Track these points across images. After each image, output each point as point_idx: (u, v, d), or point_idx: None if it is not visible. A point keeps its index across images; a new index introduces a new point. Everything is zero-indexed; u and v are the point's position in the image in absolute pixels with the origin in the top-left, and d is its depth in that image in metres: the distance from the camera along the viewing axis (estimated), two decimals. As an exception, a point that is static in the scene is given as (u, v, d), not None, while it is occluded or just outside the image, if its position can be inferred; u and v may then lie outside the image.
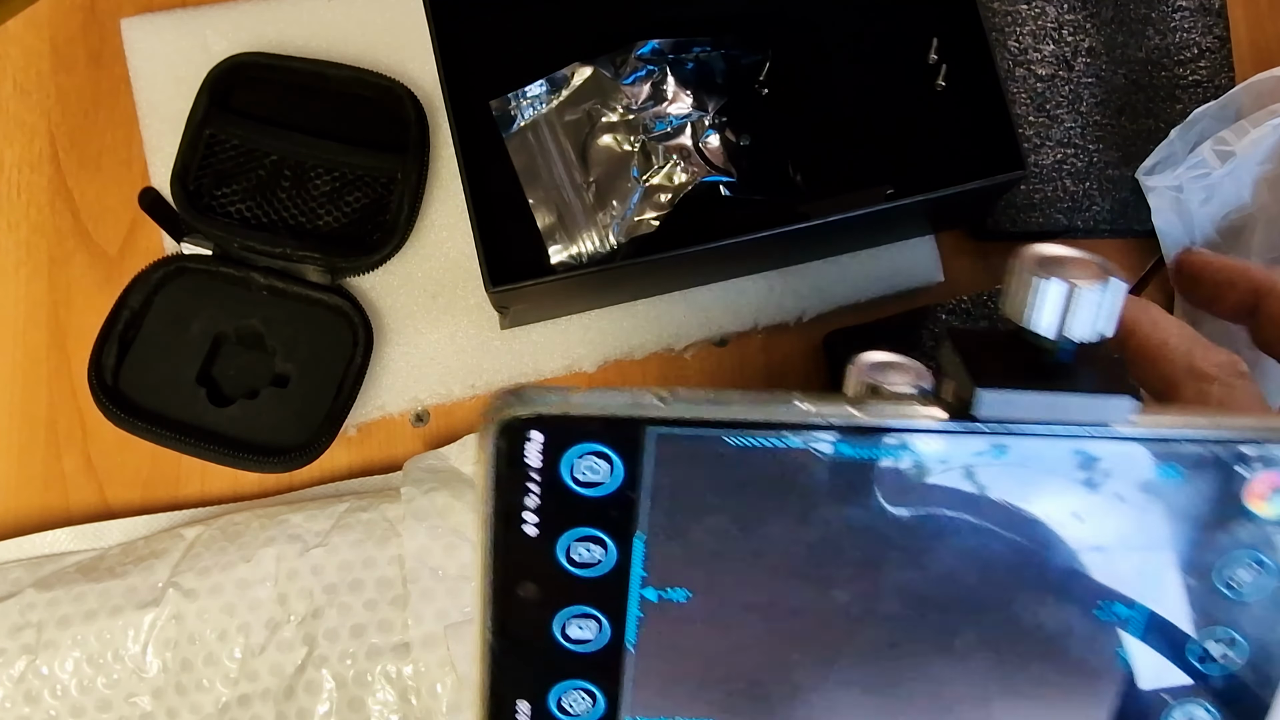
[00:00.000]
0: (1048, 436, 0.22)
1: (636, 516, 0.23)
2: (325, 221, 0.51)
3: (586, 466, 0.22)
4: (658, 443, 0.22)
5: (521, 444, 0.22)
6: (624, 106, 0.52)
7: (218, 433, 0.48)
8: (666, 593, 0.24)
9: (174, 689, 0.45)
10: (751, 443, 0.22)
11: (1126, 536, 0.24)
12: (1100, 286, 0.21)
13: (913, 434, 0.22)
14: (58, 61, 0.53)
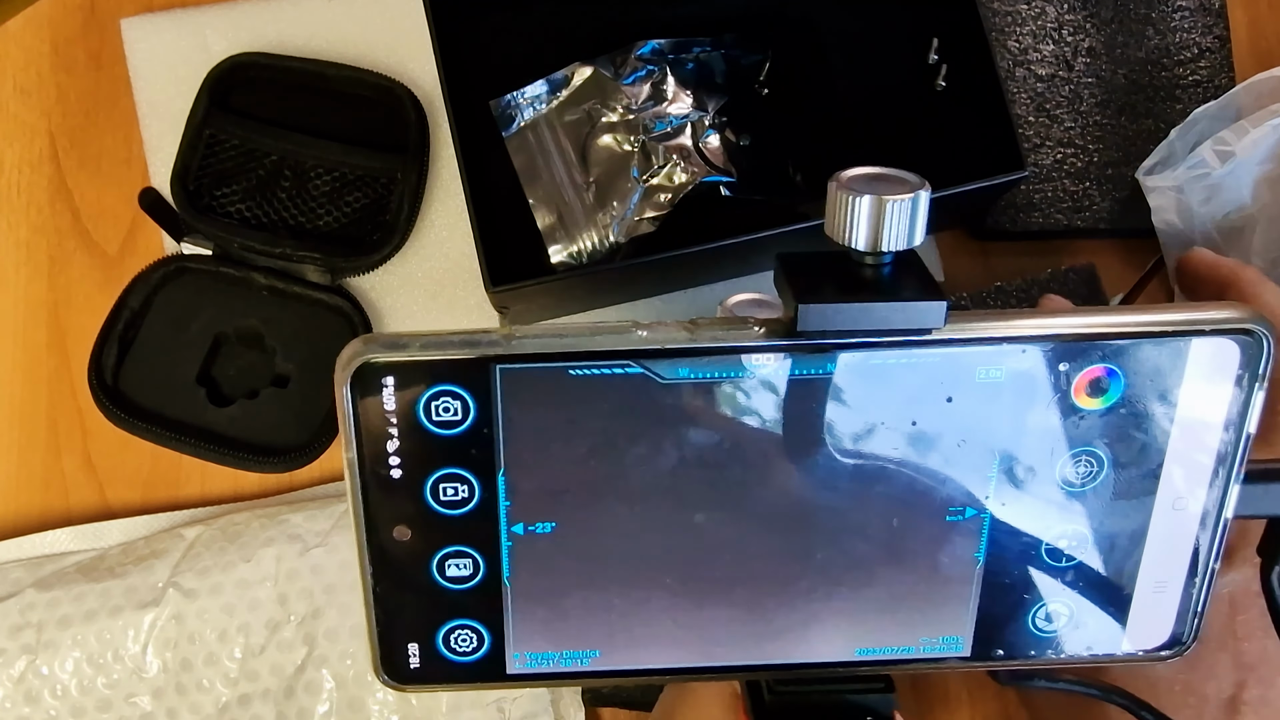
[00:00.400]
0: (870, 347, 0.23)
1: (496, 453, 0.24)
2: (325, 221, 0.51)
3: (441, 406, 0.23)
4: (504, 379, 0.23)
5: (377, 389, 0.23)
6: (624, 106, 0.52)
7: (218, 433, 0.48)
8: (534, 527, 0.24)
9: (174, 689, 0.45)
10: (594, 372, 0.23)
11: (962, 439, 0.24)
12: (908, 198, 0.22)
13: (744, 353, 0.23)
14: (58, 61, 0.53)
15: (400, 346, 0.23)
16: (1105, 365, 0.24)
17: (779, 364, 0.23)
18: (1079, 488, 0.25)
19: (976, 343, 0.23)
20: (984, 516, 0.25)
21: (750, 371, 0.23)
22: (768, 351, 0.23)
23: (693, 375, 0.23)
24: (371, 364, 0.23)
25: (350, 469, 0.24)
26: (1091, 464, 0.25)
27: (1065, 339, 0.24)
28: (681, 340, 0.23)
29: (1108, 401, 0.24)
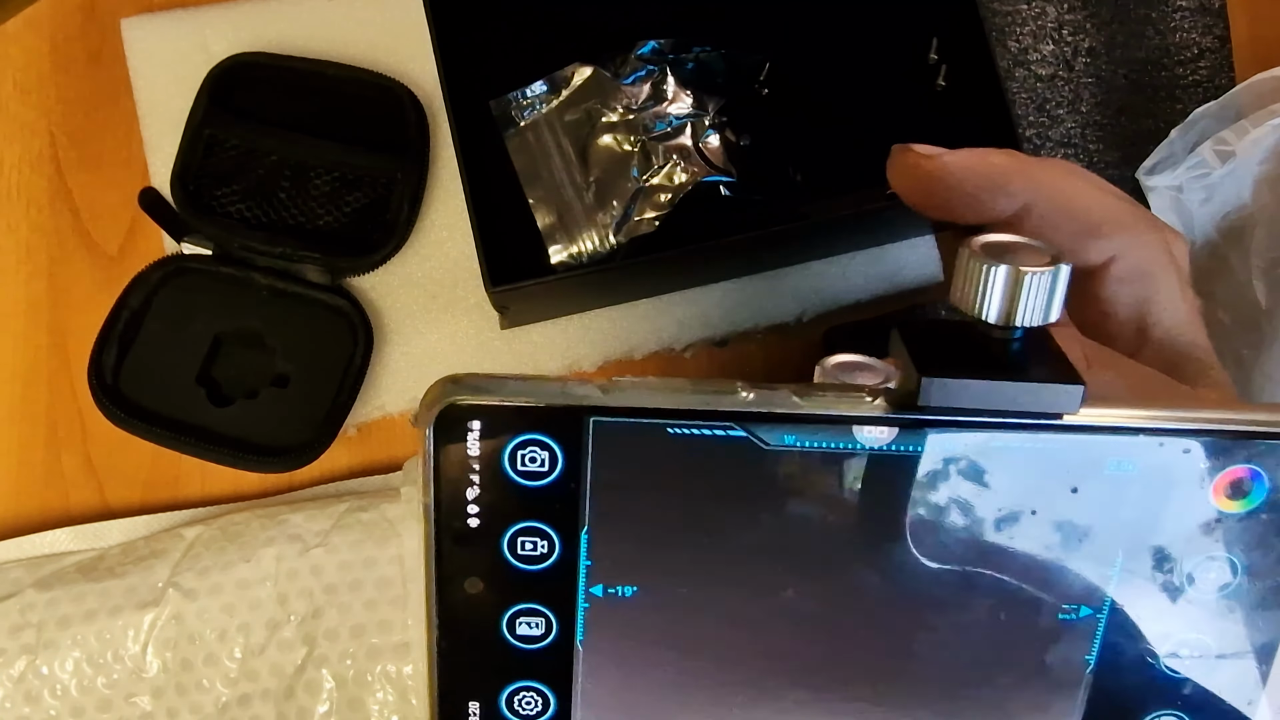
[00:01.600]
0: (996, 427, 0.22)
1: (581, 509, 0.22)
2: (325, 221, 0.51)
3: (528, 456, 0.22)
4: (598, 432, 0.22)
5: (462, 433, 0.22)
6: (624, 106, 0.52)
7: (218, 433, 0.48)
8: (614, 589, 0.23)
9: (174, 689, 0.45)
10: (693, 432, 0.22)
11: (1085, 534, 0.23)
12: (1049, 272, 0.21)
13: (858, 424, 0.22)
14: (58, 61, 0.53)
15: (490, 390, 0.21)
16: (1250, 466, 0.22)
17: (893, 438, 0.22)
18: (1207, 595, 0.23)
19: (1111, 431, 0.22)
20: (1099, 618, 0.24)
21: (862, 444, 0.22)
22: (884, 424, 0.22)
23: (799, 444, 0.22)
24: (458, 406, 0.21)
25: (426, 515, 0.22)
26: (1224, 571, 0.23)
27: (1209, 434, 0.22)
28: (791, 406, 0.21)
29: (1249, 505, 0.23)
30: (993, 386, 0.21)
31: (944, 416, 0.21)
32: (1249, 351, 0.48)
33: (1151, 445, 0.22)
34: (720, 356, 0.52)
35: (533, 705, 0.24)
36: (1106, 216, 0.29)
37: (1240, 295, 0.49)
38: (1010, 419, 0.21)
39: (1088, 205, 0.29)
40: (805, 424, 0.22)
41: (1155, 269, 0.29)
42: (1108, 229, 0.29)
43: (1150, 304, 0.29)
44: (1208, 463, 0.22)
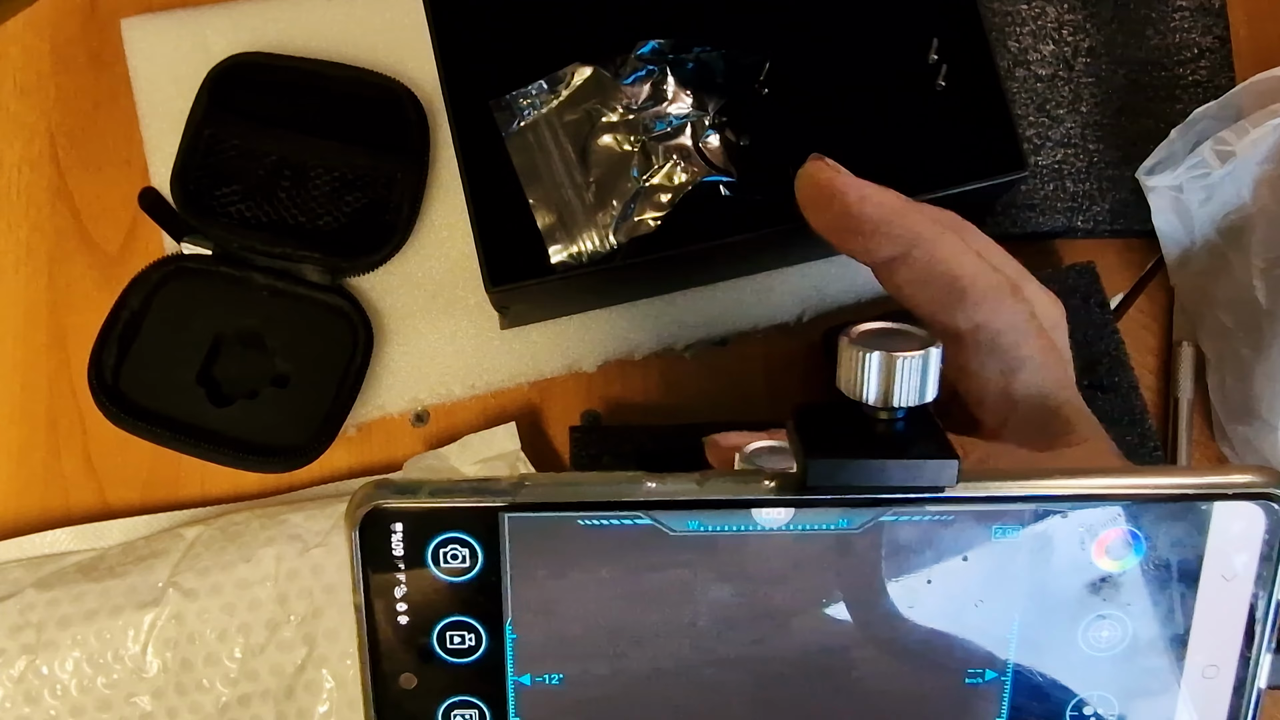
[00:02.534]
0: (881, 504, 0.23)
1: (503, 601, 0.23)
2: (325, 221, 0.51)
3: (449, 554, 0.23)
4: (513, 528, 0.23)
5: (386, 534, 0.23)
6: (624, 106, 0.52)
7: (218, 433, 0.48)
8: (541, 678, 0.24)
9: (174, 689, 0.45)
10: (603, 524, 0.23)
11: (980, 599, 0.24)
12: (919, 355, 0.22)
13: (754, 506, 0.23)
14: (58, 61, 0.53)
15: (410, 492, 0.23)
16: (1126, 527, 0.23)
17: (789, 518, 0.23)
18: (1103, 651, 0.24)
19: (990, 501, 0.23)
20: (1004, 680, 0.24)
21: (761, 525, 0.23)
22: (777, 506, 0.23)
23: (702, 528, 0.23)
24: (381, 509, 0.23)
25: (357, 614, 0.23)
26: (1115, 627, 0.24)
27: (1082, 499, 0.23)
28: (690, 493, 0.23)
29: (1129, 564, 0.24)
30: (872, 466, 0.22)
31: (832, 495, 0.23)
32: (1249, 351, 0.48)
33: (1029, 512, 0.23)
34: (721, 356, 0.52)
35: None
36: (973, 285, 0.30)
37: (1240, 295, 0.49)
38: (894, 494, 0.23)
39: (957, 272, 0.30)
40: (706, 509, 0.23)
41: (1016, 338, 0.30)
42: (972, 298, 0.30)
43: (1015, 372, 0.30)
44: (1085, 526, 0.23)
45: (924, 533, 0.23)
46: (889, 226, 0.30)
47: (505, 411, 0.51)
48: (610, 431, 0.49)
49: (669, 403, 0.52)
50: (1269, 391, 0.47)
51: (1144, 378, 0.51)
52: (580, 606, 0.24)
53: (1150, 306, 0.53)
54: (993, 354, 0.30)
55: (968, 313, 0.30)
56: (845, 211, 0.31)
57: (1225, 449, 0.51)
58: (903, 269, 0.30)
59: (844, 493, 0.23)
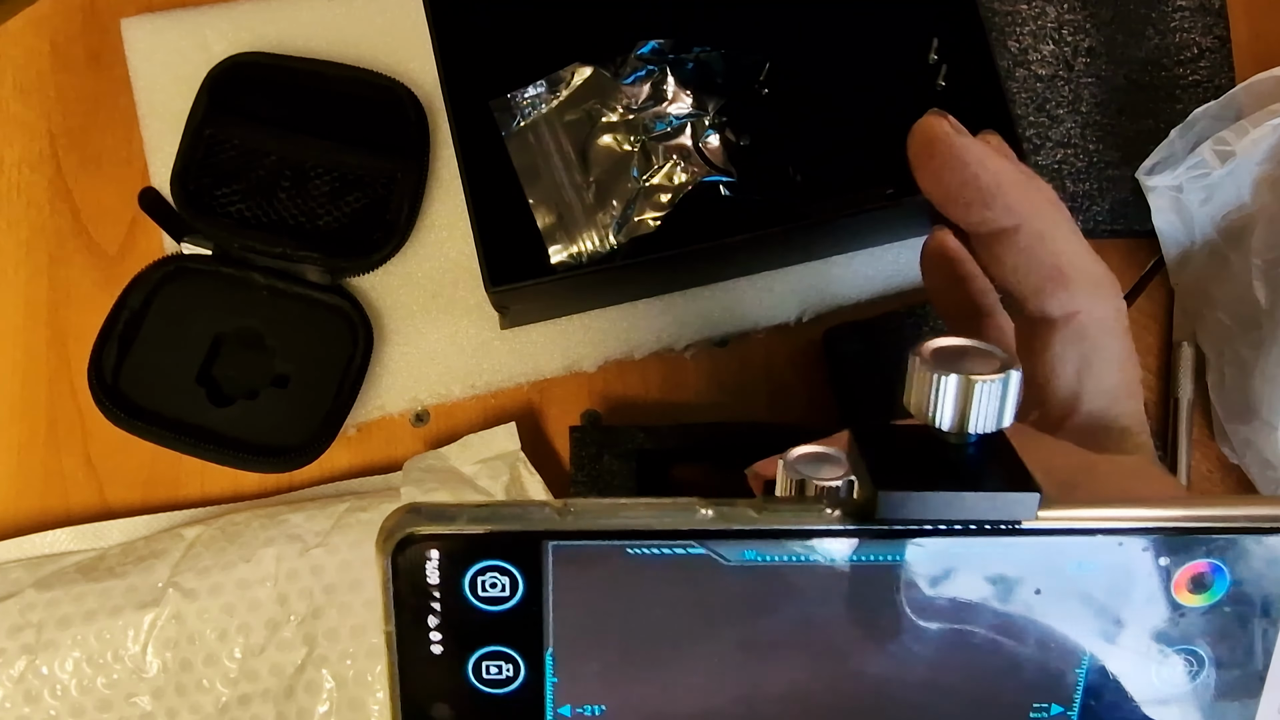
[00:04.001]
0: (955, 534, 0.22)
1: (544, 631, 0.22)
2: (325, 221, 0.51)
3: (488, 582, 0.22)
4: (557, 556, 0.22)
5: (420, 562, 0.22)
6: (624, 106, 0.52)
7: (218, 433, 0.48)
8: (582, 709, 0.23)
9: (174, 689, 0.45)
10: (653, 552, 0.22)
11: (1052, 633, 0.23)
12: (999, 379, 0.21)
13: (819, 538, 0.22)
14: (58, 61, 0.53)
15: (447, 519, 0.21)
16: (1209, 561, 0.22)
17: (854, 549, 0.22)
18: (1176, 689, 0.24)
19: (1070, 533, 0.22)
20: (1071, 715, 0.23)
21: (822, 555, 0.22)
22: (843, 536, 0.22)
23: (759, 558, 0.22)
24: (416, 535, 0.21)
25: (389, 643, 0.22)
26: (1191, 663, 0.23)
27: (1166, 533, 0.22)
28: (749, 522, 0.22)
29: (1211, 599, 0.23)
30: (948, 498, 0.21)
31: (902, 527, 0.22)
32: (1249, 351, 0.48)
33: (1110, 545, 0.22)
34: (721, 356, 0.52)
35: None
36: (1078, 273, 0.29)
37: (1240, 295, 0.49)
38: (968, 525, 0.22)
39: (1065, 256, 0.29)
40: (764, 539, 0.22)
41: (1105, 334, 0.29)
42: (1076, 285, 0.29)
43: (1092, 367, 0.29)
44: (1167, 559, 0.22)
45: (996, 565, 0.22)
46: (1005, 199, 0.28)
47: (505, 411, 0.51)
48: (610, 431, 0.49)
49: (669, 403, 0.52)
50: (1269, 391, 0.47)
51: (1144, 378, 0.51)
52: (625, 638, 0.23)
53: (1150, 306, 0.53)
54: (1076, 345, 0.29)
55: (1066, 299, 0.29)
56: (961, 178, 0.28)
57: (1225, 449, 0.51)
58: (1008, 245, 0.28)
59: (915, 524, 0.22)
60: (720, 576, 0.22)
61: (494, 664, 0.23)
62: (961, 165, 0.28)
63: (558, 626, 0.22)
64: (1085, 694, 0.23)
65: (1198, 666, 0.23)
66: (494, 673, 0.23)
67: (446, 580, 0.22)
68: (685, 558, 0.22)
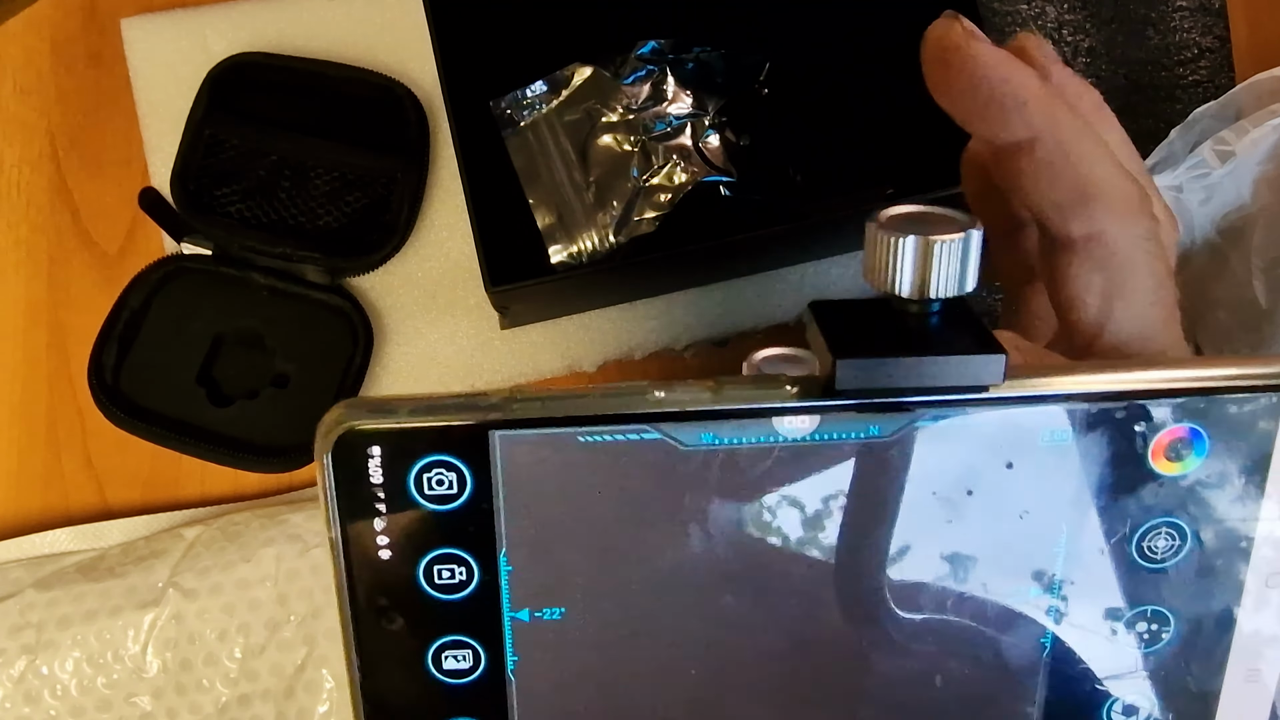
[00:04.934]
0: (920, 406, 0.21)
1: (496, 530, 0.21)
2: (325, 221, 0.51)
3: (434, 479, 0.21)
4: (504, 447, 0.20)
5: (363, 460, 0.20)
6: (624, 106, 0.52)
7: (218, 433, 0.48)
8: (540, 613, 0.22)
9: (174, 689, 0.45)
10: (605, 439, 0.21)
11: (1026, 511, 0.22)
12: (959, 239, 0.20)
13: (774, 415, 0.20)
14: (58, 61, 0.53)
15: (387, 412, 0.20)
16: (1188, 425, 0.21)
17: (815, 427, 0.21)
18: (1158, 564, 0.22)
19: (1039, 401, 0.21)
20: (1050, 597, 0.23)
21: (782, 436, 0.21)
22: (802, 414, 0.20)
23: (717, 441, 0.21)
24: (356, 432, 0.20)
25: (334, 550, 0.21)
26: (1172, 537, 0.22)
27: (1140, 396, 0.21)
28: (704, 402, 0.20)
29: (1190, 466, 0.22)
30: (910, 363, 0.20)
31: (863, 400, 0.20)
32: (1249, 351, 0.48)
33: (1082, 413, 0.21)
34: (721, 356, 0.52)
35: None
36: (1103, 192, 0.26)
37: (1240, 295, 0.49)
38: (932, 396, 0.20)
39: (1089, 173, 0.26)
40: (721, 419, 0.20)
41: (1134, 260, 0.27)
42: (1099, 205, 0.26)
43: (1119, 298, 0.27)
44: (1144, 425, 0.21)
45: (964, 439, 0.21)
46: (1024, 109, 0.26)
47: (505, 411, 0.51)
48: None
49: (669, 403, 0.52)
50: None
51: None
52: (582, 533, 0.21)
53: (1150, 306, 0.53)
54: (1102, 271, 0.27)
55: (1088, 219, 0.26)
56: (976, 86, 0.26)
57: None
58: (1026, 158, 0.26)
59: (877, 396, 0.20)
60: (678, 463, 0.21)
61: (446, 568, 0.21)
62: (974, 73, 0.26)
63: (510, 525, 0.21)
64: (1064, 574, 0.22)
65: (1179, 541, 0.22)
66: (446, 577, 0.21)
67: (390, 479, 0.21)
68: (640, 444, 0.21)
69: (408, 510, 0.21)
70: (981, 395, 0.21)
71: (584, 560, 0.22)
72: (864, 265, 0.21)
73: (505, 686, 0.22)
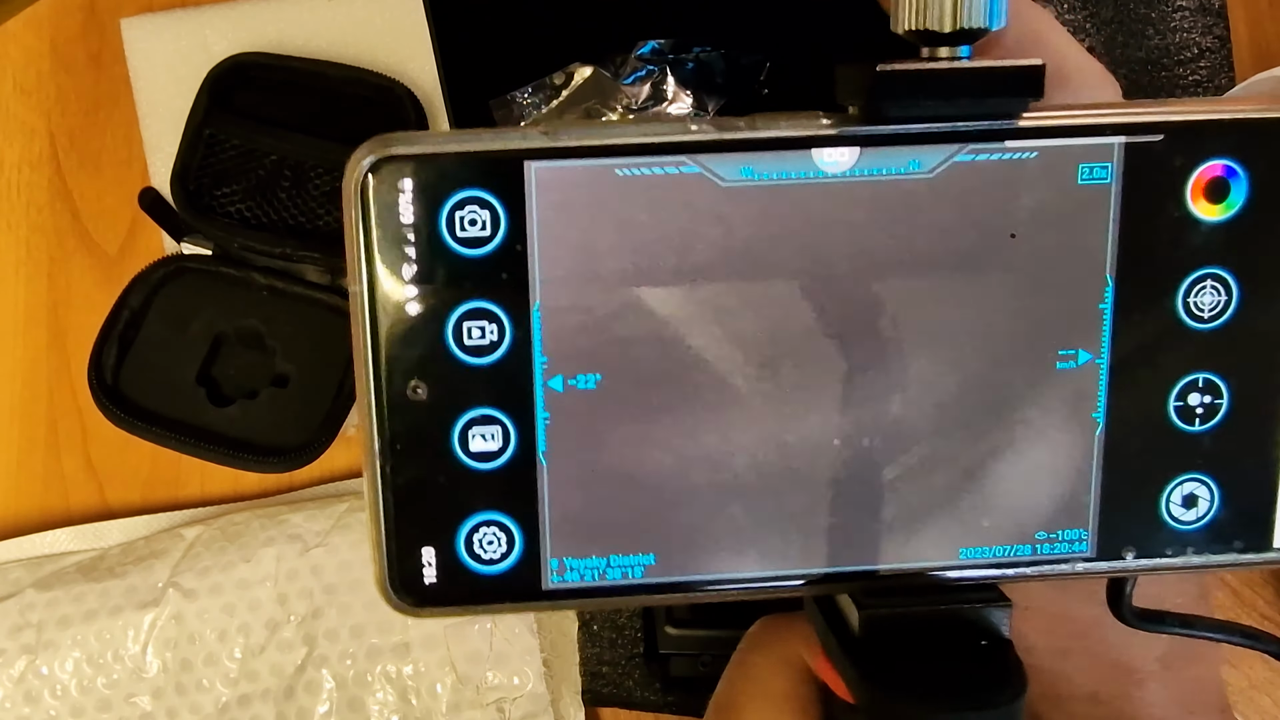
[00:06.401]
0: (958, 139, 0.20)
1: (530, 278, 0.20)
2: (325, 221, 0.51)
3: (467, 218, 0.19)
4: (541, 181, 0.19)
5: (393, 197, 0.19)
6: (624, 106, 0.52)
7: (218, 433, 0.48)
8: (575, 380, 0.20)
9: (174, 689, 0.45)
10: (643, 172, 0.20)
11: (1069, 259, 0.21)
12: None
13: (815, 146, 0.20)
14: (58, 61, 0.53)
15: (420, 142, 0.19)
16: (1225, 161, 0.20)
17: (854, 161, 0.20)
18: (1206, 322, 0.21)
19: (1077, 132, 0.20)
20: (1100, 362, 0.21)
21: (822, 171, 0.20)
22: (838, 145, 0.20)
23: (756, 175, 0.20)
24: (388, 162, 0.19)
25: (359, 306, 0.20)
26: (1218, 291, 0.21)
27: (1174, 127, 0.20)
28: (741, 130, 0.20)
29: (1231, 208, 0.21)
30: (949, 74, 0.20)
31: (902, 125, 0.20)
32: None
33: (1120, 147, 0.20)
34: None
35: (496, 545, 0.21)
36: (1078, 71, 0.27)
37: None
38: (970, 125, 0.20)
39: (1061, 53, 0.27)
40: (759, 150, 0.20)
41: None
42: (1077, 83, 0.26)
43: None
44: (1180, 160, 0.20)
45: (1003, 174, 0.20)
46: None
47: (505, 411, 0.51)
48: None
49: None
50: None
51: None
52: (619, 284, 0.20)
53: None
54: None
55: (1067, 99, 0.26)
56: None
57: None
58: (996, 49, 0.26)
59: (915, 121, 0.20)
60: (717, 199, 0.20)
61: (476, 324, 0.20)
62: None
63: (544, 271, 0.20)
64: (1114, 337, 0.21)
65: (1225, 295, 0.21)
66: (476, 336, 0.20)
67: (421, 218, 0.19)
68: (678, 177, 0.20)
69: (438, 255, 0.20)
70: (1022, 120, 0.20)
71: (621, 314, 0.20)
72: (893, 8, 0.21)
73: (536, 472, 0.21)
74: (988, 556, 0.22)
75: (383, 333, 0.20)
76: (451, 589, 0.21)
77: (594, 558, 0.21)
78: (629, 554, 0.21)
